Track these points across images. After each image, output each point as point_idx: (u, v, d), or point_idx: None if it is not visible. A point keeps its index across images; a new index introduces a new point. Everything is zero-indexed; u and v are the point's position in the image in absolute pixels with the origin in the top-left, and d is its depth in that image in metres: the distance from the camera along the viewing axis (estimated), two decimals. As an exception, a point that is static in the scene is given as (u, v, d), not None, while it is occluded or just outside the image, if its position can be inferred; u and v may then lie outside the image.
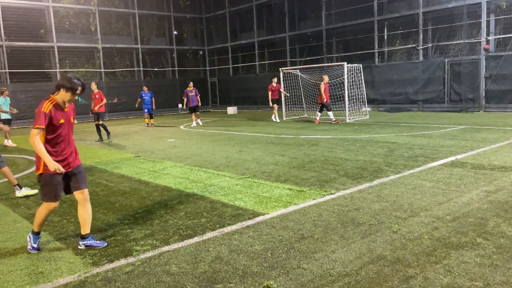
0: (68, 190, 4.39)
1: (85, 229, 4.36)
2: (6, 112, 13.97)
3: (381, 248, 3.93)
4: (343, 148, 9.96)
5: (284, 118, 18.94)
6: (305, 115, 20.43)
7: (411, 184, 6.22)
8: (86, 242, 4.33)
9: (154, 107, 19.09)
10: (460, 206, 5.08)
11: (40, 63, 25.78)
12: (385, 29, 22.67)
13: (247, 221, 4.93)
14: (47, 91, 24.12)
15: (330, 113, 16.50)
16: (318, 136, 12.42)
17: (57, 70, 25.48)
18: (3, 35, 23.49)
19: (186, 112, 21.81)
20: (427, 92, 20.29)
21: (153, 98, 18.89)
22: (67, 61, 27.06)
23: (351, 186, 6.28)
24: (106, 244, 4.39)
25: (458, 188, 5.87)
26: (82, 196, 4.36)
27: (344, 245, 4.05)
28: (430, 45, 20.92)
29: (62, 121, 4.15)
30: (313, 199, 5.71)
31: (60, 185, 4.26)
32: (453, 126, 13.28)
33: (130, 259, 3.97)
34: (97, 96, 14.02)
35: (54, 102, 4.13)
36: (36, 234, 4.34)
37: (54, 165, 4.04)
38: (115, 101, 27.10)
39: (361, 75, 18.00)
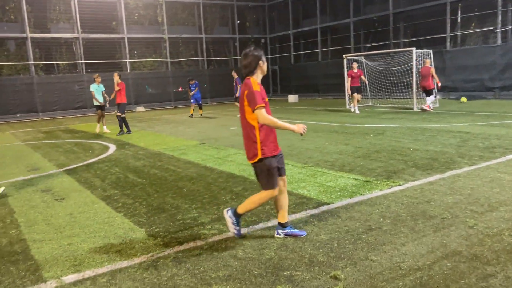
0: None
1: (285, 217, 4.11)
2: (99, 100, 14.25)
3: (456, 243, 3.72)
4: (411, 137, 9.54)
5: (347, 107, 18.46)
6: (370, 103, 19.81)
7: (488, 177, 5.82)
8: (286, 231, 4.11)
9: (190, 96, 19.14)
10: (546, 202, 4.68)
11: (112, 54, 27.23)
12: (459, 12, 21.23)
13: (312, 210, 4.89)
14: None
15: (431, 98, 15.25)
16: (384, 125, 11.99)
17: (127, 60, 26.78)
18: (79, 28, 25.05)
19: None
20: (505, 79, 18.79)
21: (197, 88, 19.02)
22: (135, 52, 28.34)
23: (421, 178, 6.00)
24: (305, 233, 4.13)
25: (543, 183, 5.40)
26: (283, 182, 4.08)
27: (415, 238, 3.88)
28: (510, 27, 19.30)
29: (266, 99, 3.94)
30: (380, 190, 5.53)
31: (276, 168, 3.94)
32: (535, 115, 12.22)
33: (199, 242, 4.10)
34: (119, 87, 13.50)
35: (257, 81, 3.92)
36: (239, 216, 4.07)
37: (298, 126, 3.88)
38: (180, 90, 27.97)
39: (431, 61, 17.05)
